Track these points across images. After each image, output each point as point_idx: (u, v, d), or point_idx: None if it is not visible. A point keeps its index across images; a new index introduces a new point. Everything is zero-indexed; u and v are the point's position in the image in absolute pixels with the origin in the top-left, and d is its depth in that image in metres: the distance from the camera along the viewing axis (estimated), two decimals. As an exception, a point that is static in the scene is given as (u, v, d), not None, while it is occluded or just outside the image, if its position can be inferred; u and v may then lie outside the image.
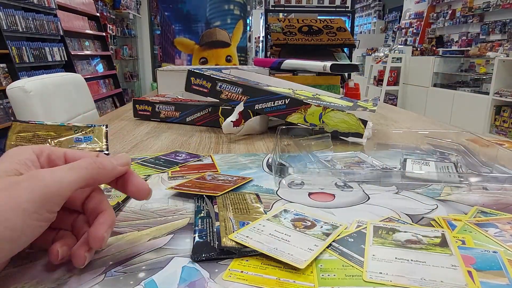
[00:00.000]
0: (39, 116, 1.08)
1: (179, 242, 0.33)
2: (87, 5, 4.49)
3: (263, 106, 0.72)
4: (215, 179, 0.49)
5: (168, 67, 1.39)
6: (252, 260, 0.31)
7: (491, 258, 0.31)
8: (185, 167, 0.55)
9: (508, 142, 0.70)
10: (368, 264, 0.30)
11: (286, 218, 0.37)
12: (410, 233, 0.35)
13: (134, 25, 6.42)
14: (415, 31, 7.42)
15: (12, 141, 0.52)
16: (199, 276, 0.29)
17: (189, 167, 0.54)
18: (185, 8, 2.45)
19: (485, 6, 5.38)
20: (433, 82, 4.81)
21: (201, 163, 0.57)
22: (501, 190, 0.46)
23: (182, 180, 0.49)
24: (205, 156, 0.60)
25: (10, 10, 2.90)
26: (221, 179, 0.49)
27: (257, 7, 7.28)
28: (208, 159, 0.59)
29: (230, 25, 2.43)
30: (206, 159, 0.59)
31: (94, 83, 4.29)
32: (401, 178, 0.49)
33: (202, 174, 0.51)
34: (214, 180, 0.48)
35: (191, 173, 0.52)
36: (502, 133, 3.72)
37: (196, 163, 0.57)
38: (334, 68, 0.95)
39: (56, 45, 3.57)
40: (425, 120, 0.99)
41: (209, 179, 0.49)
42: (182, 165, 0.55)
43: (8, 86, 1.11)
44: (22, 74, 2.93)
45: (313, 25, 1.48)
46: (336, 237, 0.34)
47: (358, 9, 10.53)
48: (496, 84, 3.72)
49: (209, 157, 0.60)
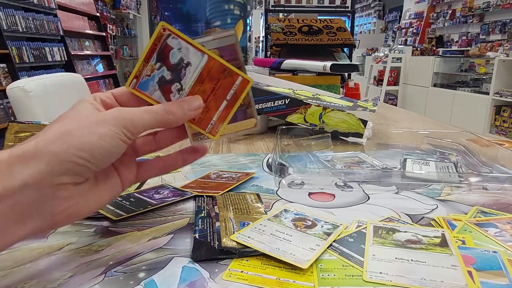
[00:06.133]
0: (39, 116, 1.08)
1: (179, 242, 0.33)
2: (87, 5, 4.49)
3: (263, 106, 0.72)
4: (219, 177, 0.49)
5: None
6: (252, 260, 0.31)
7: (491, 258, 0.31)
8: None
9: (508, 142, 0.69)
10: (368, 264, 0.30)
11: (286, 218, 0.37)
12: (410, 233, 0.35)
13: (134, 25, 6.42)
14: (415, 31, 7.42)
15: (10, 142, 0.52)
16: (199, 276, 0.29)
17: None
18: (185, 8, 2.46)
19: (485, 6, 5.38)
20: (433, 82, 4.80)
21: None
22: (501, 190, 0.46)
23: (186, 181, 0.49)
24: (192, 193, 0.44)
25: (10, 10, 2.90)
26: (225, 176, 0.49)
27: (257, 7, 7.27)
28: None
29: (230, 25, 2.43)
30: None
31: (94, 83, 4.29)
32: (401, 178, 0.49)
33: (207, 173, 0.51)
34: (218, 179, 0.49)
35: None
36: (502, 133, 3.72)
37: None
38: (334, 68, 0.95)
39: (56, 45, 3.57)
40: (425, 120, 0.99)
41: (214, 177, 0.49)
42: (155, 206, 0.41)
43: (8, 86, 1.11)
44: (22, 74, 2.93)
45: (313, 25, 1.48)
46: (337, 236, 0.34)
47: (358, 9, 10.53)
48: (496, 84, 3.71)
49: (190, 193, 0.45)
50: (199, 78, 0.31)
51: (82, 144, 0.26)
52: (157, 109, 0.30)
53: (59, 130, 0.26)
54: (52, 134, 0.26)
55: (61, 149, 0.25)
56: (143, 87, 0.31)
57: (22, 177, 0.24)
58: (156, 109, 0.30)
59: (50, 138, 0.26)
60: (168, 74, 0.31)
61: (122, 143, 0.28)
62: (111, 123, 0.27)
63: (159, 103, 0.31)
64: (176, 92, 0.31)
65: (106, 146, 0.27)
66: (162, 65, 0.31)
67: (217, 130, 0.33)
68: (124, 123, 0.28)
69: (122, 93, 0.32)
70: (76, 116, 0.28)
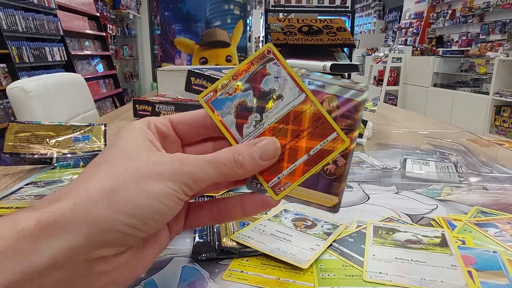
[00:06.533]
0: (39, 116, 1.08)
1: (179, 242, 0.33)
2: (87, 5, 4.48)
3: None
4: None
5: (168, 67, 1.39)
6: (252, 260, 0.31)
7: (491, 258, 0.31)
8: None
9: (508, 142, 0.69)
10: (368, 264, 0.30)
11: (286, 218, 0.37)
12: (410, 233, 0.35)
13: (134, 25, 6.42)
14: (415, 31, 7.42)
15: (10, 142, 0.52)
16: (199, 276, 0.29)
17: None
18: (185, 8, 2.46)
19: (485, 6, 5.38)
20: (433, 82, 4.80)
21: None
22: (501, 190, 0.46)
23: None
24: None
25: (10, 10, 2.89)
26: None
27: (257, 7, 7.27)
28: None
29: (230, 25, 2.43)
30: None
31: (94, 83, 4.29)
32: (401, 178, 0.49)
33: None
34: None
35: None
36: (502, 133, 3.72)
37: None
38: (334, 68, 0.95)
39: (56, 45, 3.57)
40: (425, 120, 0.99)
41: None
42: None
43: (8, 86, 1.11)
44: (22, 74, 2.93)
45: (313, 25, 1.48)
46: (337, 236, 0.34)
47: (358, 9, 10.53)
48: (496, 84, 3.71)
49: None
50: (285, 118, 0.26)
51: (133, 208, 0.21)
52: (225, 160, 0.24)
53: (103, 186, 0.21)
54: (95, 190, 0.21)
55: (106, 214, 0.20)
56: (217, 105, 0.27)
57: (51, 253, 0.19)
58: (224, 160, 0.24)
59: (93, 197, 0.20)
60: (252, 100, 0.26)
61: (180, 202, 0.23)
62: (168, 177, 0.22)
63: (227, 129, 0.26)
64: (252, 123, 0.26)
65: (162, 208, 0.22)
66: (250, 88, 0.26)
67: (282, 189, 0.26)
68: (184, 178, 0.23)
69: (181, 120, 0.27)
70: (123, 159, 0.23)
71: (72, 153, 0.54)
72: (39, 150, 0.52)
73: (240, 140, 0.26)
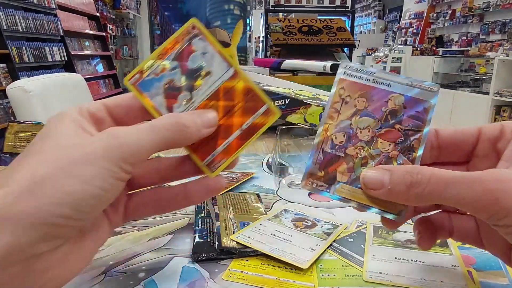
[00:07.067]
0: (39, 116, 1.08)
1: (179, 242, 0.33)
2: (87, 5, 4.48)
3: (263, 106, 0.72)
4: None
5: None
6: (252, 260, 0.31)
7: (491, 258, 0.31)
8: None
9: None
10: (368, 264, 0.30)
11: (286, 218, 0.37)
12: (410, 233, 0.35)
13: (134, 25, 6.42)
14: (415, 31, 7.42)
15: (10, 142, 0.52)
16: (199, 276, 0.29)
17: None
18: (185, 8, 2.46)
19: (485, 6, 5.38)
20: (433, 82, 4.81)
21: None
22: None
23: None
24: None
25: (10, 10, 2.89)
26: (225, 176, 0.49)
27: (257, 7, 7.27)
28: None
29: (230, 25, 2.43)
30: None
31: (94, 83, 4.29)
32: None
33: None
34: None
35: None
36: (502, 133, 3.71)
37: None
38: (334, 68, 0.95)
39: (56, 45, 3.57)
40: (425, 120, 0.99)
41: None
42: None
43: (8, 86, 1.11)
44: (22, 74, 2.93)
45: (313, 25, 1.48)
46: (337, 236, 0.34)
47: (358, 9, 10.53)
48: (496, 84, 3.71)
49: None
50: (215, 93, 0.25)
51: (62, 196, 0.19)
52: (166, 124, 0.23)
53: (29, 176, 0.19)
54: (17, 184, 0.19)
55: (33, 208, 0.18)
56: (144, 87, 0.25)
57: None
58: (165, 124, 0.22)
59: (17, 191, 0.18)
60: (180, 79, 0.25)
61: (119, 182, 0.21)
62: (102, 156, 0.20)
63: (157, 110, 0.25)
64: (182, 102, 0.25)
65: (96, 192, 0.20)
66: (177, 67, 0.25)
67: (218, 165, 0.25)
68: (121, 153, 0.20)
69: (117, 104, 0.25)
70: (52, 147, 0.20)
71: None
72: (39, 150, 0.52)
73: None
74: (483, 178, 0.21)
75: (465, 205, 0.22)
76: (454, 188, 0.21)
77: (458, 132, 0.26)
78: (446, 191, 0.22)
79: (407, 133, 0.26)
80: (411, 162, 0.25)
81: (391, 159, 0.25)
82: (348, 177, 0.26)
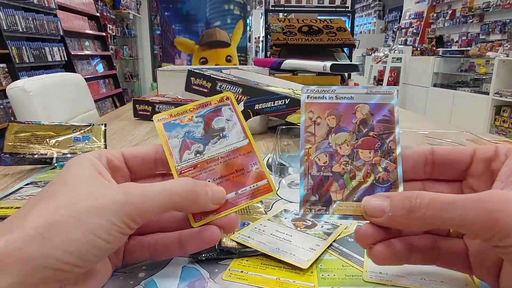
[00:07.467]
0: (39, 116, 1.08)
1: (179, 242, 0.33)
2: (87, 5, 4.48)
3: (263, 106, 0.72)
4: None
5: (168, 67, 1.39)
6: (252, 260, 0.31)
7: (491, 258, 0.31)
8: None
9: (508, 142, 0.69)
10: (368, 264, 0.30)
11: (286, 218, 0.37)
12: (410, 233, 0.35)
13: (134, 25, 6.42)
14: (415, 31, 7.42)
15: (10, 142, 0.52)
16: (199, 276, 0.29)
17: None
18: (185, 8, 2.46)
19: (485, 6, 5.38)
20: (433, 82, 4.80)
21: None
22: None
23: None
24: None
25: (10, 10, 2.89)
26: None
27: (257, 7, 7.27)
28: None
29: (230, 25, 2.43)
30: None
31: (94, 83, 4.29)
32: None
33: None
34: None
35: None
36: (502, 133, 3.72)
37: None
38: (334, 68, 0.95)
39: (56, 45, 3.57)
40: (425, 120, 0.99)
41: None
42: None
43: (8, 86, 1.11)
44: (22, 74, 2.93)
45: (313, 25, 1.48)
46: (337, 236, 0.34)
47: (358, 9, 10.53)
48: (496, 84, 3.71)
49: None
50: (224, 155, 0.29)
51: (69, 244, 0.20)
52: (179, 189, 0.24)
53: (42, 222, 0.20)
54: (30, 227, 0.20)
55: (40, 252, 0.19)
56: (168, 128, 0.29)
57: None
58: (178, 188, 0.24)
59: (27, 235, 0.20)
60: (200, 132, 0.29)
61: (122, 236, 0.22)
62: (111, 211, 0.22)
63: (170, 150, 0.28)
64: (193, 152, 0.28)
65: (100, 243, 0.21)
66: (201, 122, 0.29)
67: (203, 218, 0.27)
68: (129, 212, 0.22)
69: (133, 155, 0.27)
70: (67, 193, 0.22)
71: (72, 153, 0.54)
72: (39, 150, 0.52)
73: (178, 163, 0.28)
74: (483, 199, 0.21)
75: (465, 226, 0.22)
76: (454, 211, 0.22)
77: (453, 150, 0.27)
78: (446, 214, 0.22)
79: (382, 137, 0.27)
80: (394, 163, 0.26)
81: (375, 165, 0.26)
82: (342, 194, 0.26)
